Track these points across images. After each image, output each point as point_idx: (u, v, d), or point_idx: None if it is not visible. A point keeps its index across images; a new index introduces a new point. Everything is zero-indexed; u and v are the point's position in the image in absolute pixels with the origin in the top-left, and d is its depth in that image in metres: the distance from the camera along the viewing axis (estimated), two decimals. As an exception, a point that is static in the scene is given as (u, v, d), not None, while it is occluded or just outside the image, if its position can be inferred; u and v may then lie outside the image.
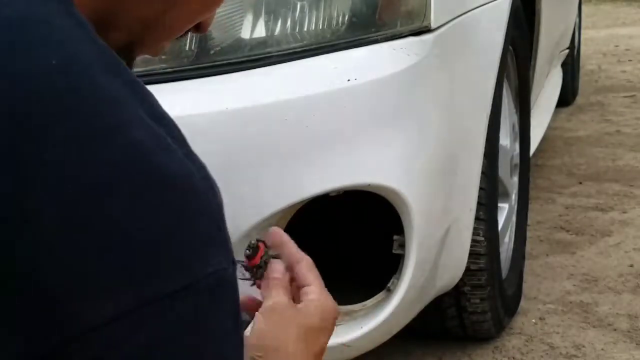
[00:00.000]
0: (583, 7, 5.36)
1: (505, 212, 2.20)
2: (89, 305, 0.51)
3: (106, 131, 0.53)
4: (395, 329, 1.59)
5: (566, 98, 4.57)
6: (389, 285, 1.51)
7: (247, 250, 0.83)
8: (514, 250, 2.25)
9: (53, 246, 0.51)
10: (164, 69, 1.40)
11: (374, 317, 1.50)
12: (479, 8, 1.74)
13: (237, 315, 0.58)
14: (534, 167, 3.25)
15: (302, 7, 1.44)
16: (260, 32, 1.43)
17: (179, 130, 0.59)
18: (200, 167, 0.58)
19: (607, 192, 3.18)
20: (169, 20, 0.68)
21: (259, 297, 0.82)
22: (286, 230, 1.45)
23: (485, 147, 1.76)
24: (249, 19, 1.43)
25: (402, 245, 1.47)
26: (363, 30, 1.45)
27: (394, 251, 1.49)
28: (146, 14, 0.66)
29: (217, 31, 1.42)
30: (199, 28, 0.73)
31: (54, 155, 0.51)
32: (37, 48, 0.53)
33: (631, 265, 2.48)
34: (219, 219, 0.59)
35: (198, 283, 0.55)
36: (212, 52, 1.41)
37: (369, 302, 1.53)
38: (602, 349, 2.00)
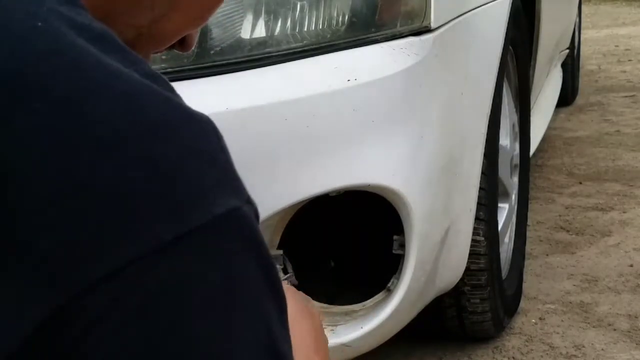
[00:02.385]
0: (583, 7, 5.36)
1: (505, 212, 2.20)
2: (89, 260, 0.48)
3: (93, 88, 0.51)
4: (395, 329, 1.59)
5: (566, 98, 4.57)
6: (389, 285, 1.51)
7: None
8: (514, 250, 2.25)
9: (44, 206, 0.48)
10: (164, 69, 1.40)
11: (374, 317, 1.50)
12: (479, 8, 1.74)
13: (263, 259, 0.54)
14: (534, 167, 3.26)
15: (302, 7, 1.44)
16: (260, 32, 1.43)
17: (172, 87, 0.58)
18: (199, 114, 0.57)
19: (607, 192, 3.18)
20: (161, 29, 0.68)
21: None
22: (286, 230, 1.45)
23: (485, 147, 1.76)
24: (249, 19, 1.43)
25: (402, 245, 1.47)
26: (363, 30, 1.45)
27: (394, 251, 1.49)
28: (140, 21, 0.66)
29: (217, 31, 1.42)
30: (183, 44, 0.73)
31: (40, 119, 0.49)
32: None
33: (631, 265, 2.48)
34: (224, 160, 0.57)
35: (205, 226, 0.51)
36: (212, 52, 1.41)
37: (369, 302, 1.53)
38: (602, 349, 2.00)
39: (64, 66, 0.51)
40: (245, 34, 1.43)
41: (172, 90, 0.58)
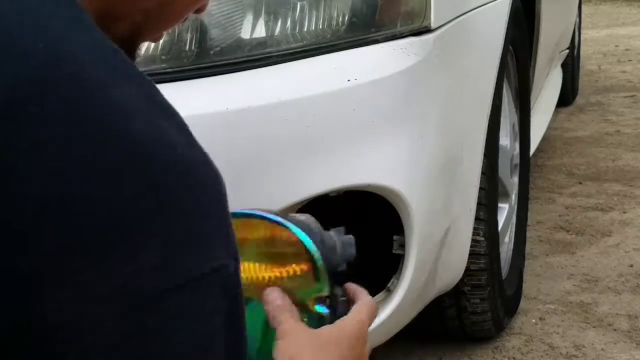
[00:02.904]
0: (583, 7, 5.36)
1: (505, 212, 2.20)
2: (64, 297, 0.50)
3: (101, 122, 0.52)
4: (395, 329, 1.59)
5: (566, 98, 4.57)
6: (389, 285, 1.51)
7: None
8: (514, 250, 2.25)
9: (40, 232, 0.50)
10: (164, 69, 1.40)
11: (374, 317, 1.50)
12: (479, 8, 1.74)
13: (233, 314, 0.58)
14: (534, 167, 3.26)
15: (302, 7, 1.44)
16: (260, 32, 1.43)
17: (182, 121, 0.58)
18: (204, 155, 0.58)
19: (607, 192, 3.18)
20: (171, 8, 0.69)
21: None
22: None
23: (485, 147, 1.76)
24: (249, 19, 1.43)
25: (402, 245, 1.47)
26: (363, 30, 1.45)
27: (394, 251, 1.49)
28: (148, 5, 0.67)
29: (217, 31, 1.42)
30: (197, 10, 0.73)
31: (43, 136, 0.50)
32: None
33: (631, 265, 2.48)
34: (223, 211, 0.58)
35: (196, 280, 0.54)
36: (212, 52, 1.41)
37: (369, 302, 1.53)
38: (602, 349, 2.00)
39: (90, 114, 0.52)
40: (245, 34, 1.43)
41: (184, 127, 0.58)
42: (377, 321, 1.47)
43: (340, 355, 0.81)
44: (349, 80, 1.38)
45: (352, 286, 0.90)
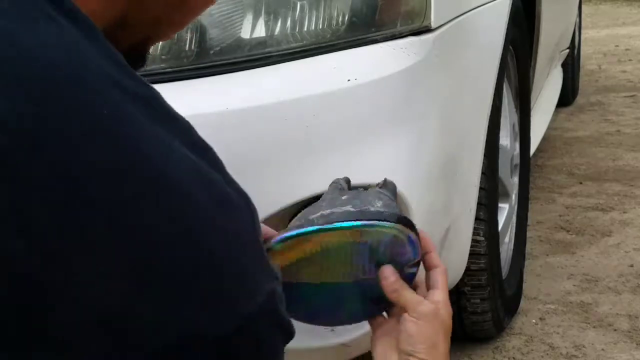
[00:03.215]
0: (583, 7, 5.36)
1: (505, 212, 2.20)
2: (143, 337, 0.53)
3: (138, 169, 0.54)
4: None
5: (566, 98, 4.57)
6: (389, 285, 1.51)
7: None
8: (514, 250, 2.25)
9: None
10: (163, 69, 1.40)
11: (374, 317, 1.50)
12: (479, 8, 1.74)
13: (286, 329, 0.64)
14: (534, 167, 3.26)
15: (302, 7, 1.44)
16: (260, 32, 1.43)
17: (216, 158, 0.62)
18: (240, 190, 0.62)
19: (607, 192, 3.18)
20: (180, 12, 0.70)
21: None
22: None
23: (485, 147, 1.76)
24: (249, 19, 1.43)
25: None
26: (363, 30, 1.45)
27: (394, 251, 1.49)
28: (159, 12, 0.68)
29: (217, 31, 1.42)
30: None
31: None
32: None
33: (631, 265, 2.48)
34: (259, 241, 0.62)
35: (257, 311, 0.59)
36: (212, 52, 1.41)
37: (369, 302, 1.53)
38: (602, 349, 2.00)
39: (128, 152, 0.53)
40: (245, 34, 1.43)
41: (214, 157, 0.61)
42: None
43: (449, 327, 0.94)
44: (349, 80, 1.38)
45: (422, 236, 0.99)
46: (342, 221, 0.94)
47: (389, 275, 0.94)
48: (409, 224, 0.97)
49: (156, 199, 0.54)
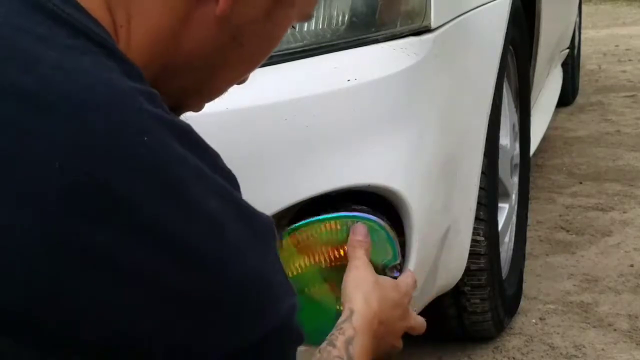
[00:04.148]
0: (583, 7, 5.36)
1: (505, 212, 2.20)
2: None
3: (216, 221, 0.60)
4: (395, 329, 1.58)
5: (566, 98, 4.57)
6: (389, 285, 1.50)
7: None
8: (514, 250, 2.25)
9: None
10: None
11: (374, 317, 1.50)
12: (479, 8, 1.74)
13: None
14: (534, 167, 3.25)
15: (302, 7, 1.44)
16: (260, 32, 1.43)
17: (237, 180, 0.67)
18: (264, 217, 0.67)
19: (607, 192, 3.18)
20: (210, 87, 0.75)
21: None
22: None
23: (485, 147, 1.76)
24: (248, 19, 1.43)
25: (402, 246, 1.47)
26: (363, 30, 1.45)
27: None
28: (187, 84, 0.72)
29: (217, 31, 1.42)
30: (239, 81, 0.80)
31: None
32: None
33: (631, 265, 2.48)
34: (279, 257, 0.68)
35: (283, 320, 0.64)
36: (212, 52, 1.41)
37: (369, 302, 1.53)
38: (602, 349, 2.00)
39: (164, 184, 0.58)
40: (245, 34, 1.42)
41: (239, 187, 0.67)
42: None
43: (393, 299, 1.03)
44: (349, 80, 1.38)
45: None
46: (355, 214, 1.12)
47: (360, 231, 1.08)
48: (391, 226, 1.12)
49: (201, 230, 0.59)
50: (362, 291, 1.01)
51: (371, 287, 1.02)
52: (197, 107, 0.76)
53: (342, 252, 1.11)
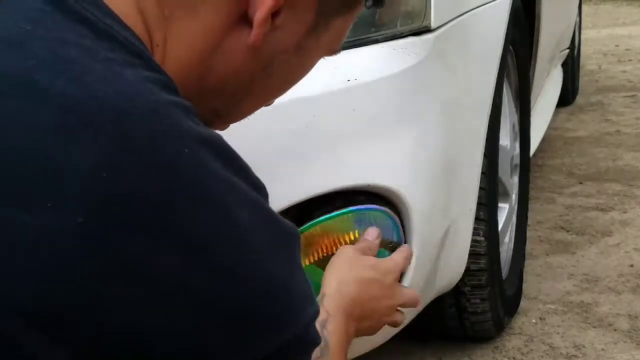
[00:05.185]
0: (583, 7, 5.36)
1: (505, 212, 2.20)
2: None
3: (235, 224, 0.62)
4: (395, 329, 1.59)
5: (566, 98, 4.57)
6: (389, 285, 1.50)
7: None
8: (514, 250, 2.25)
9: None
10: (163, 69, 1.40)
11: (374, 317, 1.50)
12: (479, 8, 1.74)
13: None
14: (534, 167, 3.25)
15: (302, 7, 1.44)
16: (260, 32, 1.43)
17: (265, 189, 0.71)
18: (290, 227, 0.70)
19: (608, 192, 3.18)
20: (236, 110, 0.78)
21: None
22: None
23: (485, 147, 1.76)
24: (248, 19, 1.43)
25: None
26: (363, 30, 1.45)
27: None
28: (218, 106, 0.75)
29: (217, 31, 1.42)
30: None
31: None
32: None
33: (631, 265, 2.48)
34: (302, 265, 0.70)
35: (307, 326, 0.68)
36: (212, 52, 1.41)
37: (369, 302, 1.53)
38: (602, 349, 2.00)
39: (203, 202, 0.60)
40: (245, 34, 1.42)
41: (267, 196, 0.70)
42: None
43: (372, 278, 1.10)
44: (349, 80, 1.38)
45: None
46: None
47: (371, 233, 1.21)
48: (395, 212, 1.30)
49: (233, 242, 0.61)
50: (336, 275, 1.09)
51: (346, 270, 1.09)
52: (223, 127, 0.80)
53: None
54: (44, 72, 0.58)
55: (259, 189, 0.67)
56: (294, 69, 0.77)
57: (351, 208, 1.23)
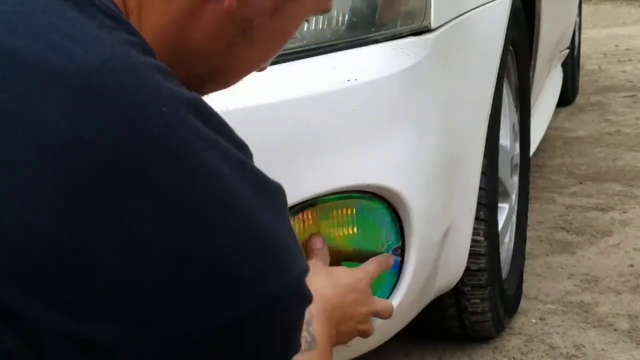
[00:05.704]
0: (583, 7, 5.36)
1: (505, 212, 2.20)
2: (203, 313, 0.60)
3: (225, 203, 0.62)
4: (395, 329, 1.59)
5: (566, 98, 4.57)
6: (388, 285, 1.51)
7: None
8: (514, 250, 2.25)
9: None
10: (163, 69, 1.40)
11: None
12: (479, 8, 1.74)
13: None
14: (534, 167, 3.25)
15: (302, 7, 1.44)
16: (260, 32, 1.43)
17: (248, 149, 0.70)
18: (277, 186, 0.71)
19: (607, 192, 3.18)
20: (222, 76, 0.77)
21: None
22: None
23: (485, 147, 1.76)
24: (248, 19, 1.43)
25: (402, 247, 1.47)
26: (363, 30, 1.45)
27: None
28: (202, 72, 0.74)
29: (217, 31, 1.42)
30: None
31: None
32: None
33: (631, 265, 2.48)
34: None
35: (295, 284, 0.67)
36: (212, 52, 1.41)
37: (369, 302, 1.53)
38: (602, 349, 2.00)
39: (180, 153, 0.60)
40: (245, 34, 1.42)
41: (251, 156, 0.70)
42: (377, 321, 1.47)
43: (347, 284, 1.13)
44: (349, 80, 1.38)
45: None
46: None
47: (317, 241, 1.25)
48: (394, 210, 1.29)
49: (216, 193, 0.61)
50: (314, 281, 1.09)
51: (322, 277, 1.13)
52: (212, 92, 0.78)
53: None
54: (23, 39, 0.59)
55: (242, 147, 0.67)
56: (276, 32, 0.76)
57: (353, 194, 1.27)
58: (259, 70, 0.82)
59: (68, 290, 0.56)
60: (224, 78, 0.77)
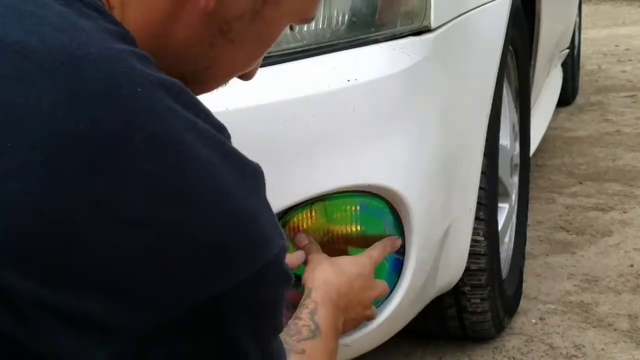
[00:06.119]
0: (583, 7, 5.36)
1: (505, 212, 2.20)
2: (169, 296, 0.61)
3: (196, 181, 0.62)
4: (395, 329, 1.59)
5: (566, 98, 4.57)
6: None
7: None
8: (514, 250, 2.25)
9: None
10: (163, 69, 1.40)
11: (374, 317, 1.50)
12: (479, 8, 1.74)
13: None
14: (534, 167, 3.26)
15: (302, 7, 1.44)
16: (260, 32, 1.43)
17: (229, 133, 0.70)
18: (255, 166, 0.70)
19: (607, 192, 3.18)
20: (204, 77, 0.77)
21: None
22: (285, 229, 1.45)
23: (485, 147, 1.76)
24: (248, 19, 1.43)
25: (402, 246, 1.47)
26: (363, 30, 1.45)
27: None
28: (184, 71, 0.74)
29: (217, 31, 1.42)
30: (242, 76, 0.83)
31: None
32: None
33: (631, 265, 2.48)
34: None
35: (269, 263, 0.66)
36: (212, 52, 1.41)
37: (369, 302, 1.53)
38: (602, 349, 2.00)
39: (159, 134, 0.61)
40: (245, 34, 1.42)
41: (230, 137, 0.70)
42: (377, 321, 1.47)
43: (352, 272, 1.20)
44: (349, 81, 1.38)
45: None
46: None
47: (302, 238, 1.28)
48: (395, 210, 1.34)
49: (194, 173, 0.62)
50: (318, 271, 1.19)
51: (327, 266, 1.19)
52: (199, 93, 0.78)
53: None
54: (1, 25, 0.61)
55: (221, 129, 0.68)
56: (257, 36, 0.76)
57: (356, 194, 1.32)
58: (245, 79, 0.82)
59: (47, 262, 0.57)
60: (207, 80, 0.78)
